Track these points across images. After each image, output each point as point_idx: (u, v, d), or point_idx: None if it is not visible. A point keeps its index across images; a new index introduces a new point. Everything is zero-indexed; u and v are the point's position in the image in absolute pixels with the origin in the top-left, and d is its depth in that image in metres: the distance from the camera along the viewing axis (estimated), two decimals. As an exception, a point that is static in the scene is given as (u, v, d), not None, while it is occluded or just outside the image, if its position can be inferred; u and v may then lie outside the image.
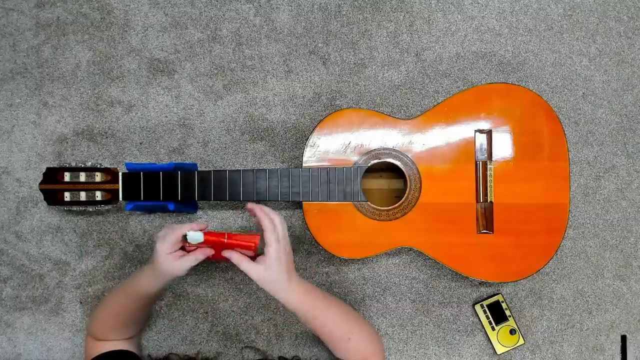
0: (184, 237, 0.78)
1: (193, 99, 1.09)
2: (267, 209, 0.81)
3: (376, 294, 1.08)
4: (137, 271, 0.87)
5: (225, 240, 0.78)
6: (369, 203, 0.95)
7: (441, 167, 0.96)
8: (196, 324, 1.07)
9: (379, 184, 1.05)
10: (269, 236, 0.78)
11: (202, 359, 1.03)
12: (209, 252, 0.80)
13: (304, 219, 0.95)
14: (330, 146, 0.95)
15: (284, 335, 1.07)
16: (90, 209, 0.95)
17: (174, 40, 1.09)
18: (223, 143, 1.09)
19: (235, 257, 0.78)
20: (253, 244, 0.78)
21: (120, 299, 0.89)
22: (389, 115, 0.96)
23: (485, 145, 0.96)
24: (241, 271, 0.78)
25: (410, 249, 1.06)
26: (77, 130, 1.09)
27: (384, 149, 0.96)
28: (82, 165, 0.94)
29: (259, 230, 0.81)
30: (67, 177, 0.93)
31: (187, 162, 1.08)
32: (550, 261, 0.98)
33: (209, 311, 1.07)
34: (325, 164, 0.95)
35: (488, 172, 0.96)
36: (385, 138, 0.96)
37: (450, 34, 1.11)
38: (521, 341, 1.06)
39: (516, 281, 1.06)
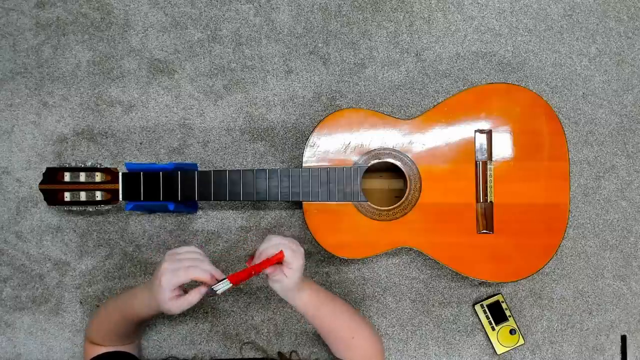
0: (210, 288, 0.76)
1: (193, 99, 1.09)
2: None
3: (376, 294, 1.08)
4: (135, 289, 0.85)
5: (253, 273, 0.78)
6: (369, 203, 0.95)
7: (441, 167, 0.96)
8: (196, 324, 1.07)
9: (379, 184, 1.05)
10: (291, 253, 0.81)
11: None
12: (205, 290, 0.78)
13: (304, 219, 0.95)
14: (330, 146, 0.95)
15: (284, 335, 1.07)
16: (90, 209, 0.95)
17: (174, 40, 1.09)
18: (223, 143, 1.09)
19: (270, 270, 0.81)
20: (282, 256, 0.80)
21: (114, 315, 0.87)
22: (389, 115, 0.96)
23: (485, 145, 0.96)
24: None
25: (410, 249, 1.06)
26: (77, 130, 1.09)
27: (384, 149, 0.96)
28: (82, 165, 0.94)
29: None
30: (67, 177, 0.93)
31: (187, 162, 1.07)
32: (550, 261, 0.98)
33: (208, 311, 1.07)
34: (325, 164, 0.95)
35: (488, 172, 0.96)
36: (385, 138, 0.95)
37: (450, 34, 1.10)
38: (521, 341, 1.06)
39: (516, 281, 1.06)
